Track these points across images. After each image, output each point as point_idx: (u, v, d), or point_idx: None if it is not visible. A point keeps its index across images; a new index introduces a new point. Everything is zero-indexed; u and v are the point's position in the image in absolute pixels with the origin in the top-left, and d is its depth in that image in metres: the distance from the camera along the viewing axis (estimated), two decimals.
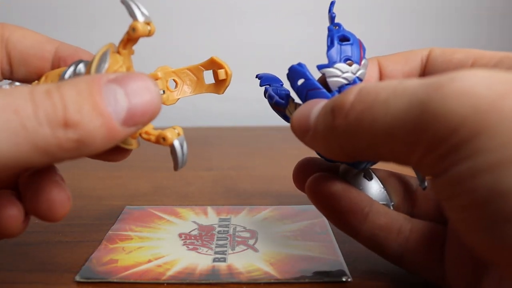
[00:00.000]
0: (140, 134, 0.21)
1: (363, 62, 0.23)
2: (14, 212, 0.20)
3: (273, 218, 0.32)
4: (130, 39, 0.21)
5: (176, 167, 0.22)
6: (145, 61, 0.23)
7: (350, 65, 0.23)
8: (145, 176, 0.42)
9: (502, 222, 0.14)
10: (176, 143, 0.21)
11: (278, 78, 0.27)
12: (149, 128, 0.21)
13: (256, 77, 0.27)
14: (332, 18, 0.24)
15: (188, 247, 0.28)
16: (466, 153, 0.15)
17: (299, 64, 0.23)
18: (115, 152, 0.22)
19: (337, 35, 0.23)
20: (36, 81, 0.24)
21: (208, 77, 0.25)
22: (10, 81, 0.24)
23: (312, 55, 0.23)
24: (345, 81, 0.23)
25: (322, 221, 0.31)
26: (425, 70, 0.24)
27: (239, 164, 0.46)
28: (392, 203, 0.25)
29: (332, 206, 0.23)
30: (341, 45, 0.23)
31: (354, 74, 0.23)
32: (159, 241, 0.29)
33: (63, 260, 0.27)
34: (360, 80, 0.23)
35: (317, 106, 0.20)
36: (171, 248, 0.28)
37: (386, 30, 0.64)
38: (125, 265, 0.26)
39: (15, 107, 0.16)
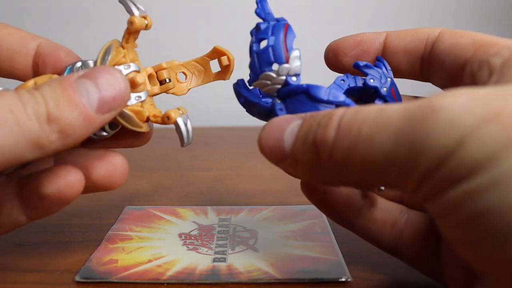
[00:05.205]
0: (148, 118, 0.23)
1: (292, 56, 0.22)
2: (76, 177, 0.21)
3: (273, 218, 0.32)
4: (130, 32, 0.23)
5: (182, 143, 0.24)
6: (151, 56, 0.24)
7: (276, 68, 0.22)
8: (145, 176, 0.42)
9: (485, 239, 0.15)
10: (180, 120, 0.23)
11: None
12: (156, 111, 0.24)
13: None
14: (258, 14, 0.23)
15: (188, 247, 0.28)
16: (454, 180, 0.16)
17: (237, 82, 0.24)
18: (132, 137, 0.24)
19: (256, 40, 0.22)
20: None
21: (214, 66, 0.26)
22: None
23: (313, 52, 0.23)
24: (277, 87, 0.22)
25: (322, 221, 0.31)
26: (432, 50, 0.24)
27: (239, 164, 0.46)
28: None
29: (325, 201, 0.24)
30: (259, 53, 0.22)
31: (285, 74, 0.22)
32: (159, 241, 0.29)
33: (63, 260, 0.27)
34: (297, 75, 0.22)
35: (288, 129, 0.20)
36: (171, 248, 0.28)
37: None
38: (125, 265, 0.26)
39: (10, 107, 0.18)
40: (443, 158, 0.15)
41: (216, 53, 0.26)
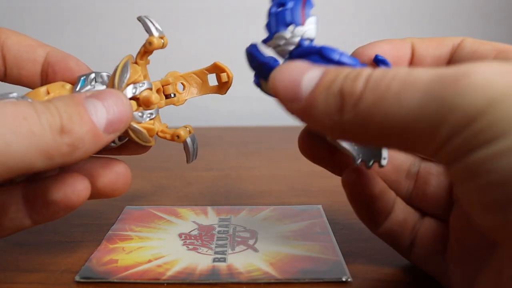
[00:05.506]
0: (156, 133, 0.25)
1: (308, 20, 0.22)
2: (83, 185, 0.22)
3: (273, 218, 0.32)
4: (147, 51, 0.24)
5: (188, 160, 0.26)
6: (151, 56, 0.24)
7: (292, 29, 0.22)
8: (145, 176, 0.42)
9: (509, 203, 0.15)
10: (189, 140, 0.25)
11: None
12: (163, 126, 0.25)
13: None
14: None
15: (188, 247, 0.28)
16: (484, 140, 0.15)
17: (249, 46, 0.23)
18: (137, 146, 0.25)
19: (275, 4, 0.22)
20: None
21: (212, 79, 0.27)
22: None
23: None
24: (290, 47, 0.22)
25: (322, 221, 0.31)
26: (453, 57, 0.24)
27: (239, 164, 0.46)
28: (372, 162, 0.24)
29: (368, 206, 0.24)
30: (277, 13, 0.22)
31: (300, 36, 0.22)
32: (159, 241, 0.29)
33: (63, 260, 0.27)
34: (310, 40, 0.22)
35: (308, 73, 0.19)
36: (171, 248, 0.28)
37: (383, 31, 0.64)
38: (125, 265, 0.26)
39: (24, 114, 0.18)
40: (472, 117, 0.15)
41: (216, 69, 0.27)
